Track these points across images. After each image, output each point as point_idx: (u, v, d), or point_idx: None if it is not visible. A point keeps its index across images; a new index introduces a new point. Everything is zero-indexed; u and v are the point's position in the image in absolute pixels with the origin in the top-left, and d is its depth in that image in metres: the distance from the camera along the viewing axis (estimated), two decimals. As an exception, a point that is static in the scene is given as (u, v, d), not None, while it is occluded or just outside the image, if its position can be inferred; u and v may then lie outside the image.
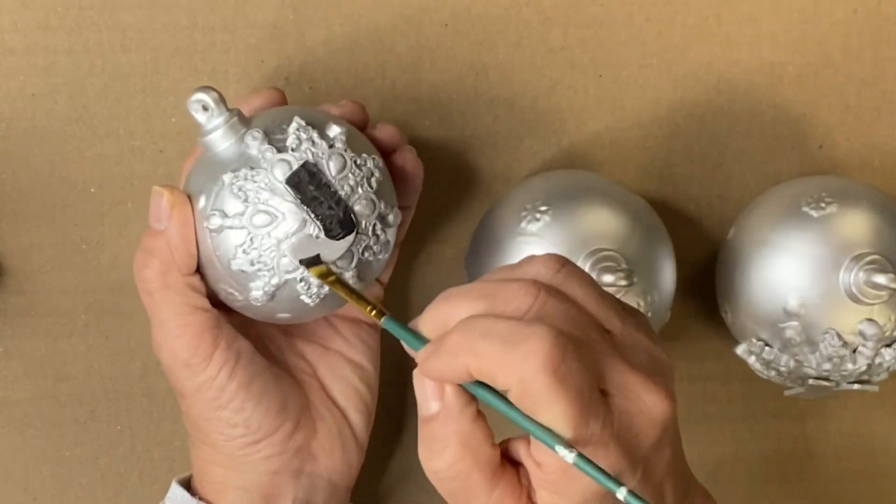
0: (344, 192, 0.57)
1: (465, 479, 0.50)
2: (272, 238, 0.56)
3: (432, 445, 0.51)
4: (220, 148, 0.57)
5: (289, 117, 0.57)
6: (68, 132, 0.67)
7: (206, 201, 0.57)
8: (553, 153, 0.70)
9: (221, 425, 0.60)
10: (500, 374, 0.48)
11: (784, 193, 0.67)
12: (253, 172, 0.56)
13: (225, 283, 0.58)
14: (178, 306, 0.58)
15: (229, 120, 0.57)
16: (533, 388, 0.47)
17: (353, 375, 0.64)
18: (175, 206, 0.57)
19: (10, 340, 0.68)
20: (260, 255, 0.57)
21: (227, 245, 0.57)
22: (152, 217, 0.58)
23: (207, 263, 0.58)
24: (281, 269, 0.57)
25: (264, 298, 0.58)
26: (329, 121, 0.58)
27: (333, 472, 0.63)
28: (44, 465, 0.69)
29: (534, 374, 0.47)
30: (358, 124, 0.61)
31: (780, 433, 0.73)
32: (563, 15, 0.69)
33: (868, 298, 0.63)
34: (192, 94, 0.56)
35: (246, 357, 0.60)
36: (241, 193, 0.56)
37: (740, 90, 0.71)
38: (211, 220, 0.57)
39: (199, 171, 0.58)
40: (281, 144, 0.57)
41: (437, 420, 0.51)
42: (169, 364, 0.59)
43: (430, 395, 0.51)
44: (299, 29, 0.68)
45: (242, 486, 0.61)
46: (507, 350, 0.47)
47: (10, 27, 0.66)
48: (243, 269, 0.57)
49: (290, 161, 0.56)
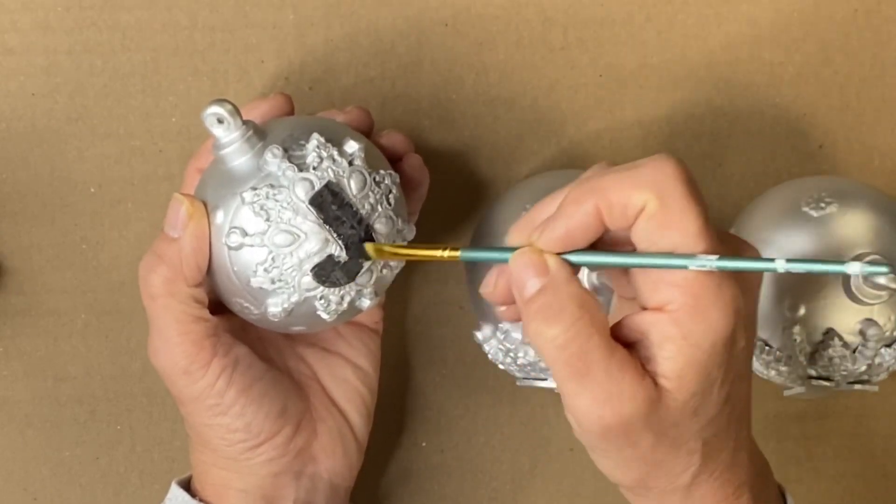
0: (365, 210, 0.56)
1: (586, 342, 0.49)
2: (294, 258, 0.56)
3: (547, 313, 0.50)
4: (237, 162, 0.56)
5: (306, 132, 0.57)
6: (68, 132, 0.67)
7: (225, 217, 0.56)
8: (553, 153, 0.70)
9: (222, 431, 0.60)
10: (633, 193, 0.48)
11: (784, 193, 0.67)
12: (274, 191, 0.56)
13: (241, 298, 0.58)
14: (180, 314, 0.58)
15: (245, 134, 0.56)
16: (670, 197, 0.48)
17: (354, 378, 0.64)
18: (193, 217, 0.57)
19: (10, 340, 0.68)
20: (281, 273, 0.56)
21: (246, 262, 0.56)
22: (168, 223, 0.58)
23: (223, 278, 0.58)
24: (301, 288, 0.57)
25: (282, 315, 0.58)
26: (346, 136, 0.58)
27: (334, 474, 0.63)
28: (44, 465, 0.69)
29: (671, 182, 0.48)
30: (364, 130, 0.61)
31: (780, 433, 0.73)
32: (563, 15, 0.69)
33: (868, 298, 0.63)
34: (208, 107, 0.56)
35: (244, 363, 0.60)
36: (262, 212, 0.56)
37: (740, 90, 0.71)
38: (231, 237, 0.56)
39: (215, 185, 0.57)
40: (301, 162, 0.56)
41: (547, 289, 0.50)
42: (167, 371, 0.59)
43: (532, 273, 0.50)
44: (299, 29, 0.68)
45: (243, 488, 0.61)
46: (635, 172, 0.48)
47: (10, 27, 0.66)
48: (263, 286, 0.57)
49: (313, 180, 0.56)
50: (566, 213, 0.49)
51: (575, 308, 0.49)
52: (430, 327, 0.71)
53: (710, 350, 0.49)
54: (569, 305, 0.49)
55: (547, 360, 0.50)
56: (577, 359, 0.49)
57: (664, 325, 0.49)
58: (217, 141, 0.56)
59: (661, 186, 0.48)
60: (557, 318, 0.49)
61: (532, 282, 0.50)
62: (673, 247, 0.48)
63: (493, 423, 0.71)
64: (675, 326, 0.49)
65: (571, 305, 0.49)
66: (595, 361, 0.49)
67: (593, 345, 0.49)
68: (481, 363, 0.69)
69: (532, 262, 0.50)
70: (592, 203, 0.49)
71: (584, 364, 0.49)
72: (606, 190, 0.48)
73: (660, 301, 0.49)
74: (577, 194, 0.49)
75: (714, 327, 0.49)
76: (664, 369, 0.49)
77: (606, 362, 0.49)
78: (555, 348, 0.49)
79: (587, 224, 0.49)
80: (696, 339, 0.49)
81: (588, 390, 0.49)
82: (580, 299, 0.50)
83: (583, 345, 0.49)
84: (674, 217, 0.48)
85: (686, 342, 0.49)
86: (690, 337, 0.49)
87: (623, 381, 0.49)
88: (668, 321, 0.49)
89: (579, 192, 0.49)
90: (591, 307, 0.50)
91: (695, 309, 0.48)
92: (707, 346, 0.49)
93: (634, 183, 0.48)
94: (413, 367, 0.71)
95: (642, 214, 0.48)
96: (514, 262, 0.51)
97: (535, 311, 0.50)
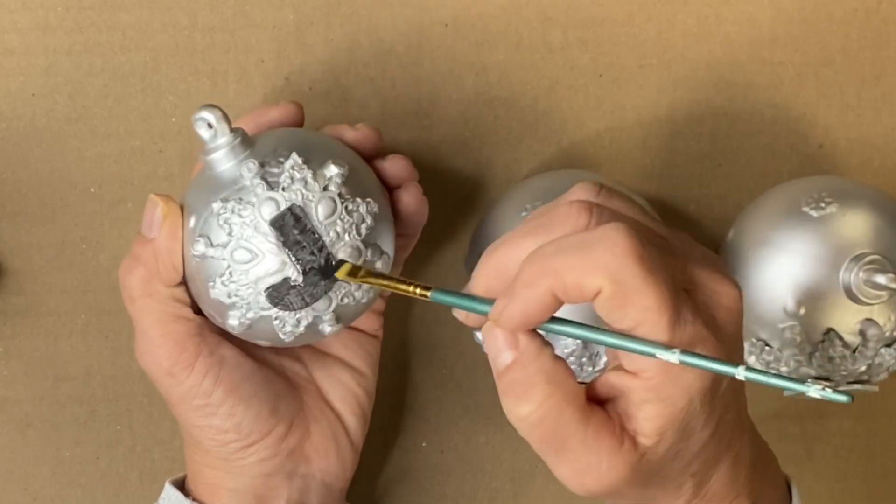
0: (329, 237, 0.56)
1: (557, 418, 0.48)
2: (251, 275, 0.56)
3: (516, 391, 0.49)
4: (220, 169, 0.56)
5: (290, 149, 0.57)
6: (68, 132, 0.67)
7: (196, 223, 0.57)
8: (553, 153, 0.70)
9: (212, 431, 0.60)
10: (587, 277, 0.46)
11: (784, 193, 0.67)
12: (241, 206, 0.56)
13: (206, 305, 0.58)
14: (160, 315, 0.58)
15: (232, 141, 0.56)
16: (624, 278, 0.46)
17: (350, 379, 0.64)
18: (167, 217, 0.57)
19: (10, 340, 0.68)
20: (237, 289, 0.56)
21: (208, 272, 0.57)
22: (144, 224, 0.58)
23: (191, 282, 0.58)
24: (257, 306, 0.57)
25: (240, 328, 0.58)
26: (330, 158, 0.57)
27: (327, 474, 0.63)
28: (44, 465, 0.69)
29: (622, 264, 0.46)
30: (369, 152, 0.61)
31: (780, 433, 0.73)
32: (563, 15, 0.69)
33: (868, 298, 0.63)
34: (198, 112, 0.56)
35: (231, 362, 0.60)
36: (226, 226, 0.56)
37: (740, 90, 0.71)
38: (196, 245, 0.56)
39: (196, 189, 0.58)
40: (274, 180, 0.56)
41: (516, 365, 0.49)
42: (153, 373, 0.59)
43: (503, 345, 0.49)
44: (299, 29, 0.68)
45: (235, 488, 0.61)
46: (586, 253, 0.46)
47: (10, 27, 0.66)
48: (220, 298, 0.57)
49: (279, 201, 0.56)
50: (521, 295, 0.48)
51: (544, 385, 0.49)
52: (431, 327, 0.71)
53: (688, 407, 0.49)
54: (538, 382, 0.49)
55: (523, 435, 0.50)
56: (552, 434, 0.49)
57: (640, 390, 0.48)
58: (204, 145, 0.57)
59: (614, 269, 0.46)
60: (527, 395, 0.49)
61: (503, 355, 0.50)
62: (634, 323, 0.47)
63: (493, 423, 0.71)
64: (651, 392, 0.48)
65: (541, 382, 0.49)
66: (570, 435, 0.49)
67: (566, 419, 0.48)
68: (481, 363, 0.69)
69: (501, 334, 0.49)
70: (546, 286, 0.47)
71: (558, 439, 0.49)
72: (559, 272, 0.47)
73: (635, 368, 0.49)
74: (530, 276, 0.48)
75: (689, 389, 0.48)
76: (644, 428, 0.49)
77: (582, 434, 0.49)
78: (528, 426, 0.49)
79: (545, 304, 0.48)
80: (674, 400, 0.48)
81: (566, 463, 0.49)
82: (549, 374, 0.49)
83: (555, 420, 0.48)
84: (630, 298, 0.46)
85: (663, 405, 0.48)
86: (667, 400, 0.48)
87: (601, 450, 0.49)
88: (643, 388, 0.48)
89: (532, 273, 0.47)
90: (561, 380, 0.49)
91: (668, 376, 0.48)
92: (684, 404, 0.48)
93: (586, 267, 0.46)
94: (413, 367, 0.71)
95: (598, 297, 0.47)
96: (485, 331, 0.50)
97: (505, 388, 0.49)
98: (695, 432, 0.50)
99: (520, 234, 0.49)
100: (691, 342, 0.47)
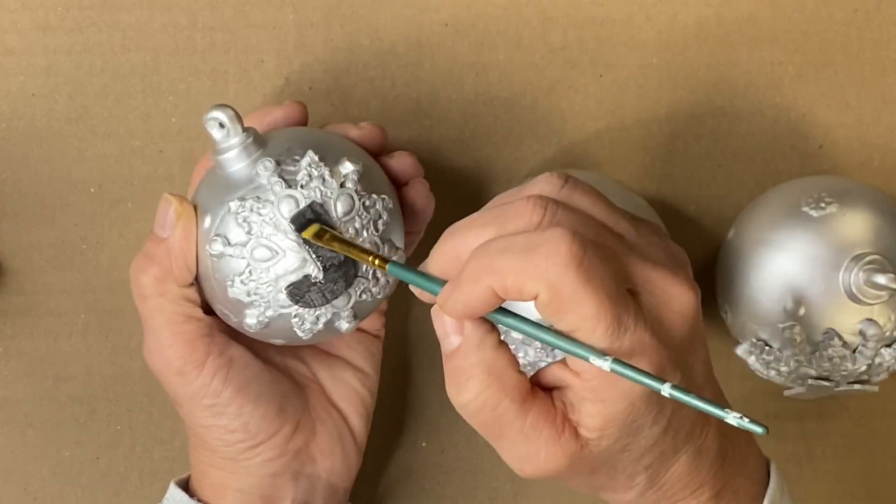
0: (348, 234, 0.56)
1: (495, 408, 0.49)
2: (271, 273, 0.56)
3: (458, 379, 0.50)
4: (233, 168, 0.56)
5: (304, 147, 0.57)
6: (68, 132, 0.67)
7: (211, 223, 0.57)
8: (553, 153, 0.70)
9: (220, 431, 0.60)
10: (526, 281, 0.47)
11: (784, 193, 0.67)
12: (259, 205, 0.56)
13: (221, 305, 0.58)
14: (172, 315, 0.58)
15: (244, 141, 0.56)
16: (561, 286, 0.46)
17: (354, 380, 0.64)
18: (181, 217, 0.57)
19: (10, 340, 0.68)
20: (257, 287, 0.56)
21: (225, 271, 0.57)
22: (158, 223, 0.58)
23: (206, 282, 0.58)
24: (276, 304, 0.57)
25: (258, 327, 0.58)
26: (344, 155, 0.57)
27: (332, 474, 0.63)
28: (44, 465, 0.69)
29: (560, 272, 0.46)
30: (374, 149, 0.61)
31: (780, 433, 0.73)
32: (563, 15, 0.69)
33: (868, 298, 0.63)
34: (210, 111, 0.56)
35: (240, 362, 0.60)
36: (245, 224, 0.56)
37: (740, 90, 0.71)
38: (213, 244, 0.56)
39: (209, 188, 0.58)
40: (291, 178, 0.56)
41: (458, 353, 0.50)
42: (162, 372, 0.59)
43: (449, 330, 0.50)
44: (299, 29, 0.68)
45: (242, 488, 0.61)
46: (527, 257, 0.47)
47: (10, 27, 0.66)
48: (239, 297, 0.57)
49: (298, 198, 0.56)
50: (464, 288, 0.49)
51: (484, 375, 0.49)
52: (431, 327, 0.71)
53: (629, 409, 0.49)
54: (477, 374, 0.49)
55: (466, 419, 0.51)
56: (491, 423, 0.50)
57: (580, 390, 0.49)
58: (216, 145, 0.56)
59: (552, 276, 0.46)
60: (466, 385, 0.50)
61: (449, 339, 0.50)
62: (572, 328, 0.47)
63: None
64: (590, 393, 0.49)
65: (480, 373, 0.49)
66: (507, 424, 0.50)
67: (503, 409, 0.49)
68: (481, 363, 0.69)
69: (448, 319, 0.50)
70: (487, 283, 0.48)
71: (497, 428, 0.50)
72: (501, 273, 0.47)
73: (576, 367, 0.49)
74: (474, 271, 0.48)
75: (629, 393, 0.49)
76: (586, 423, 0.49)
77: (520, 424, 0.49)
78: (468, 414, 0.50)
79: (486, 299, 0.48)
80: (613, 402, 0.49)
81: (506, 449, 0.50)
82: (489, 365, 0.49)
83: (493, 410, 0.49)
84: (566, 306, 0.47)
85: (603, 405, 0.49)
86: (607, 402, 0.49)
87: (539, 440, 0.49)
88: (583, 388, 0.49)
89: (476, 269, 0.48)
90: (501, 371, 0.49)
91: (606, 379, 0.48)
92: (624, 406, 0.49)
93: (527, 271, 0.47)
94: (414, 367, 0.71)
95: (537, 301, 0.47)
96: (434, 313, 0.51)
97: (448, 374, 0.50)
98: (643, 429, 0.50)
99: (477, 223, 0.50)
100: (631, 350, 0.48)
